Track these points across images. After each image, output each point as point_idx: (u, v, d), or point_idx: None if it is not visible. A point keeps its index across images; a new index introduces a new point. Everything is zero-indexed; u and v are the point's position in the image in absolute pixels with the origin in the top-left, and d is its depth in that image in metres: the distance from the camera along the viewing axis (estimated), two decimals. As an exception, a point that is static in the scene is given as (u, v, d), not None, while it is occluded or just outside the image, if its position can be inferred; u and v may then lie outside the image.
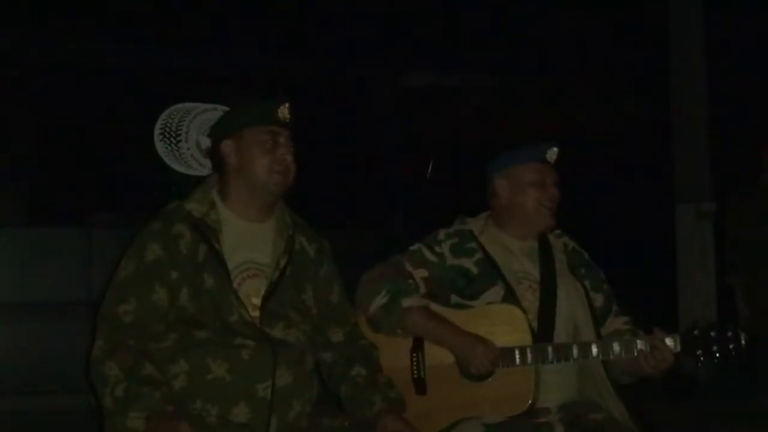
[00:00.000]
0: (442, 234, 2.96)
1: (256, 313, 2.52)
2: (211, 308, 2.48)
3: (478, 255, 2.89)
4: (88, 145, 5.61)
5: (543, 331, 2.76)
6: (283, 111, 2.62)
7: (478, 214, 3.07)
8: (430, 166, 7.18)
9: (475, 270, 2.87)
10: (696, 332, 2.68)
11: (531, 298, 2.82)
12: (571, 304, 2.84)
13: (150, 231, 2.56)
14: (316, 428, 2.56)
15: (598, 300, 2.92)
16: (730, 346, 2.66)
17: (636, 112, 8.32)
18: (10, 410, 4.32)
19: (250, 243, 2.60)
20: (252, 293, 2.54)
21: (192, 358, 2.45)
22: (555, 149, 2.94)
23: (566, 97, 7.89)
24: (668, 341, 2.69)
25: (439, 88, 7.22)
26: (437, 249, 2.92)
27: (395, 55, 6.80)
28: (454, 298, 2.86)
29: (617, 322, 2.88)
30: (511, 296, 2.79)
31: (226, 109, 2.80)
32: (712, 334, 2.67)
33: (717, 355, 2.66)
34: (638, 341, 2.71)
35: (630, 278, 3.04)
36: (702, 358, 2.68)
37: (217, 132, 2.69)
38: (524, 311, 2.76)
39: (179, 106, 2.82)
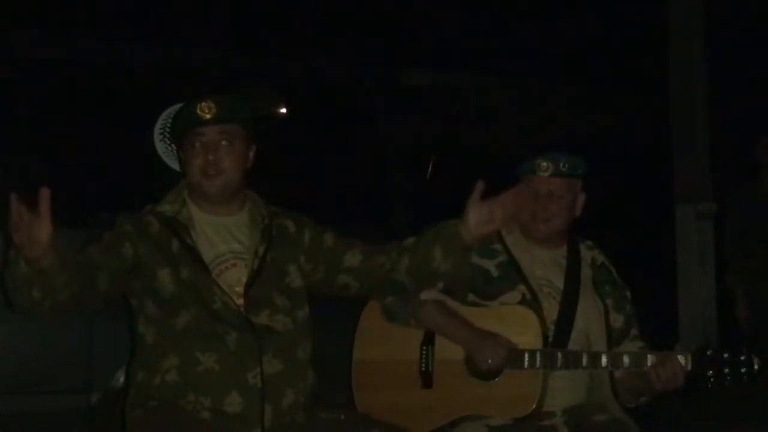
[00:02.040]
0: None
1: (240, 301, 2.51)
2: (191, 295, 2.48)
3: (501, 257, 2.86)
4: (88, 145, 5.59)
5: (557, 342, 2.75)
6: (203, 108, 2.51)
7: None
8: (430, 166, 7.17)
9: (495, 272, 2.85)
10: (709, 352, 2.65)
11: (549, 307, 2.79)
12: (587, 319, 2.81)
13: (122, 217, 2.58)
14: (313, 422, 2.56)
15: (618, 321, 2.87)
16: (742, 370, 2.62)
17: (636, 112, 8.32)
18: (10, 410, 4.31)
19: (224, 236, 2.59)
20: (233, 283, 2.53)
21: (180, 351, 2.45)
22: (545, 164, 2.81)
23: (566, 97, 7.89)
24: (680, 359, 2.65)
25: (439, 88, 7.22)
26: None
27: (395, 55, 6.80)
28: (471, 297, 2.85)
29: (631, 346, 2.83)
30: (533, 300, 2.77)
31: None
32: (725, 355, 2.63)
33: (728, 378, 2.62)
34: (649, 356, 2.68)
35: (629, 279, 3.02)
36: (712, 380, 2.63)
37: (173, 142, 2.71)
38: (541, 317, 2.74)
39: (179, 106, 2.82)
